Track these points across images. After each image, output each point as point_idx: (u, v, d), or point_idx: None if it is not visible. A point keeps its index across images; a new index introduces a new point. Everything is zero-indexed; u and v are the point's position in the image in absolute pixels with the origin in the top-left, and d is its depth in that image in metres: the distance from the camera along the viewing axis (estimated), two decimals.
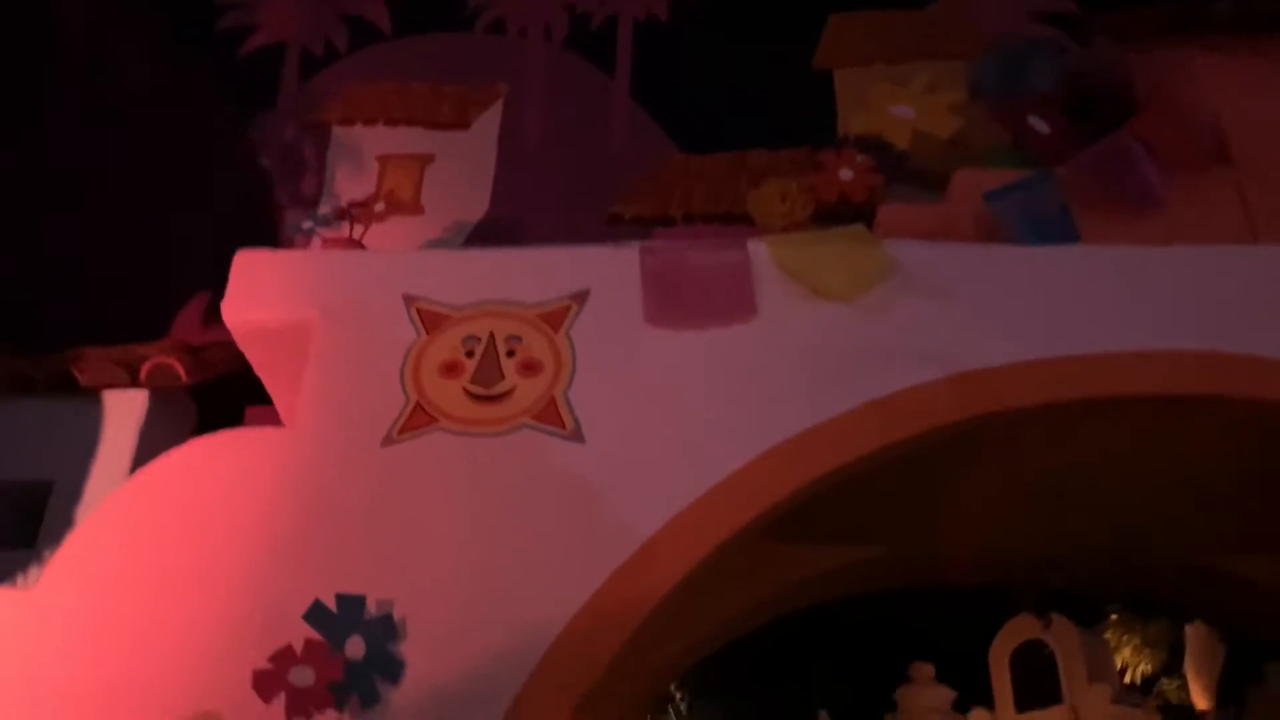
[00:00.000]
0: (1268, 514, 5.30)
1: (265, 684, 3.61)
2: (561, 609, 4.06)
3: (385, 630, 3.95)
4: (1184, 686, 11.94)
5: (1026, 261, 4.84)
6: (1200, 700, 11.06)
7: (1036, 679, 11.94)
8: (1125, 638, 13.82)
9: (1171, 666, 13.10)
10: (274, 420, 4.98)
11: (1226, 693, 9.93)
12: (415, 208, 6.65)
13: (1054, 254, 4.86)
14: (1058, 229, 5.07)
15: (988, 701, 12.52)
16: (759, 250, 4.90)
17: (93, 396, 5.18)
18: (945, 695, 13.88)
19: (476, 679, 3.96)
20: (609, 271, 4.89)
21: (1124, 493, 5.34)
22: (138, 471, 4.51)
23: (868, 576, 6.10)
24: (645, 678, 5.34)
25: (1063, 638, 11.95)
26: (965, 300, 4.69)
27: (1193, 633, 11.65)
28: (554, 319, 4.75)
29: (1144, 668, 13.75)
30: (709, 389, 4.60)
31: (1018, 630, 12.42)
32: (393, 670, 3.89)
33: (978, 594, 13.21)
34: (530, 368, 4.61)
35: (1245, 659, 9.78)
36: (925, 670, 14.17)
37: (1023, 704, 11.99)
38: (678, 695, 12.73)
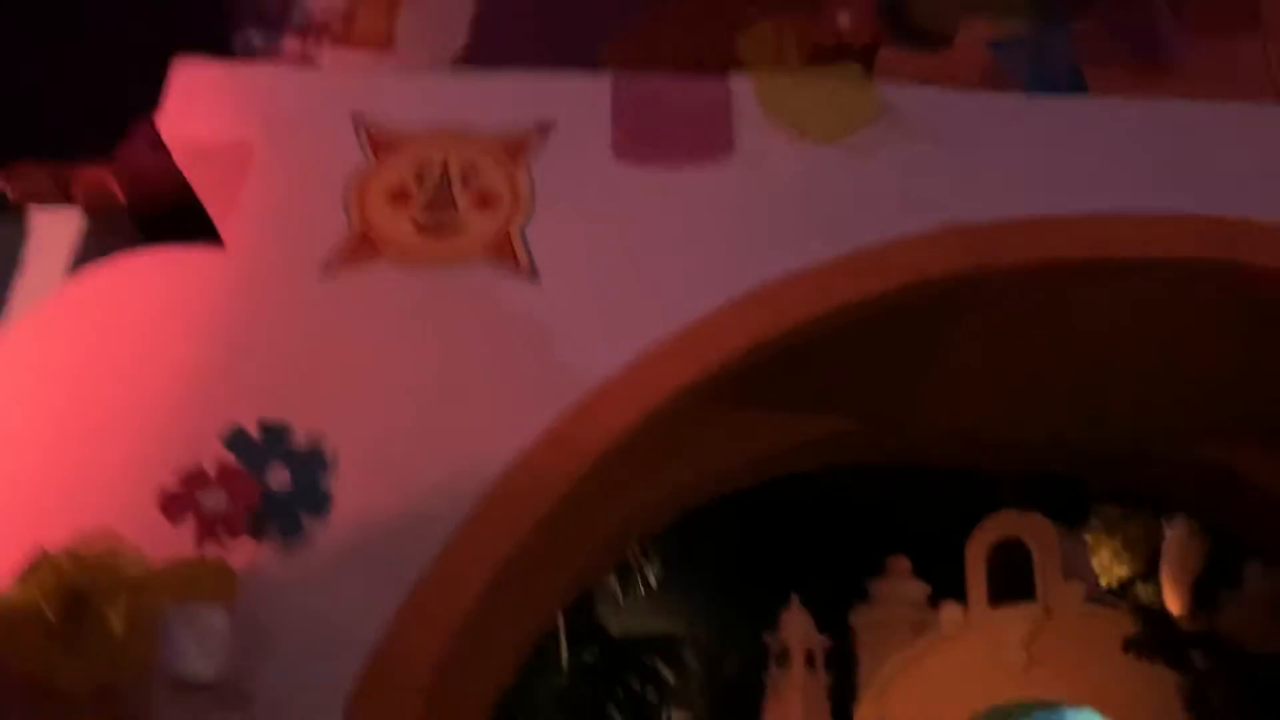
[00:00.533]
0: (1261, 404, 5.02)
1: (172, 505, 3.38)
2: (503, 452, 3.81)
3: (313, 463, 3.70)
4: (1158, 591, 11.89)
5: (1028, 111, 4.47)
6: (1174, 603, 11.01)
7: (1012, 575, 11.90)
8: (1104, 540, 13.83)
9: (1148, 572, 13.09)
10: None
11: (1201, 595, 9.85)
12: (386, 39, 6.19)
13: (1058, 105, 4.48)
14: (1066, 82, 4.68)
15: (962, 595, 12.51)
16: (742, 87, 4.52)
17: (22, 213, 4.84)
18: (920, 590, 13.94)
19: (409, 520, 3.73)
20: (578, 102, 4.53)
21: (1112, 374, 5.04)
22: (62, 285, 4.22)
23: (841, 450, 5.84)
24: (601, 535, 5.10)
25: (1040, 535, 11.88)
26: (960, 149, 4.34)
27: (1172, 535, 11.56)
28: (514, 149, 4.39)
29: (1120, 571, 13.77)
30: (677, 231, 4.28)
31: (996, 526, 12.35)
32: (319, 504, 3.66)
33: (959, 487, 13.13)
34: (485, 200, 4.28)
35: (1223, 562, 9.66)
36: (901, 564, 14.23)
37: (997, 599, 11.95)
38: (647, 568, 12.67)
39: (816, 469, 6.38)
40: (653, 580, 12.71)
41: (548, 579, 4.60)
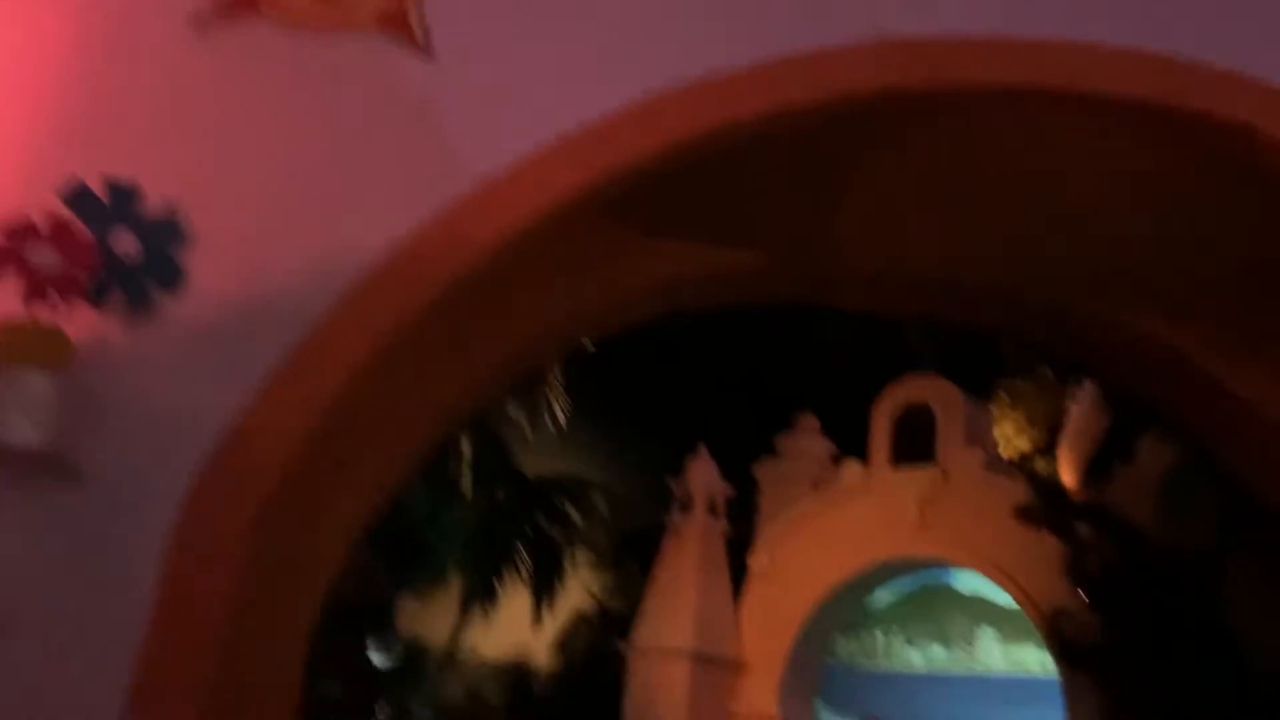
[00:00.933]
0: (1196, 270, 4.87)
1: None
2: (380, 240, 3.48)
3: (165, 232, 3.34)
4: (1054, 466, 12.14)
5: None
6: (1068, 476, 11.27)
7: (916, 440, 12.04)
8: (1009, 413, 14.09)
9: (1048, 447, 13.39)
10: None
11: (1095, 469, 10.07)
12: None
13: None
14: None
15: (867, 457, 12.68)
16: None
17: None
18: (825, 447, 14.11)
19: (272, 304, 3.42)
20: None
21: (1037, 222, 4.84)
22: None
23: (754, 286, 5.62)
24: (495, 352, 4.84)
25: (946, 401, 12.01)
26: None
27: (1075, 410, 11.78)
28: None
29: (1021, 444, 14.08)
30: (596, 17, 3.88)
31: (904, 390, 12.44)
32: (169, 276, 3.32)
33: (875, 352, 13.17)
34: None
35: (1120, 437, 9.85)
36: (809, 421, 14.35)
37: (899, 461, 12.13)
38: (556, 407, 12.57)
39: (731, 307, 6.19)
40: (561, 419, 12.58)
41: (430, 390, 4.35)
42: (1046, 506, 10.37)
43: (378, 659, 17.05)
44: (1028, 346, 10.37)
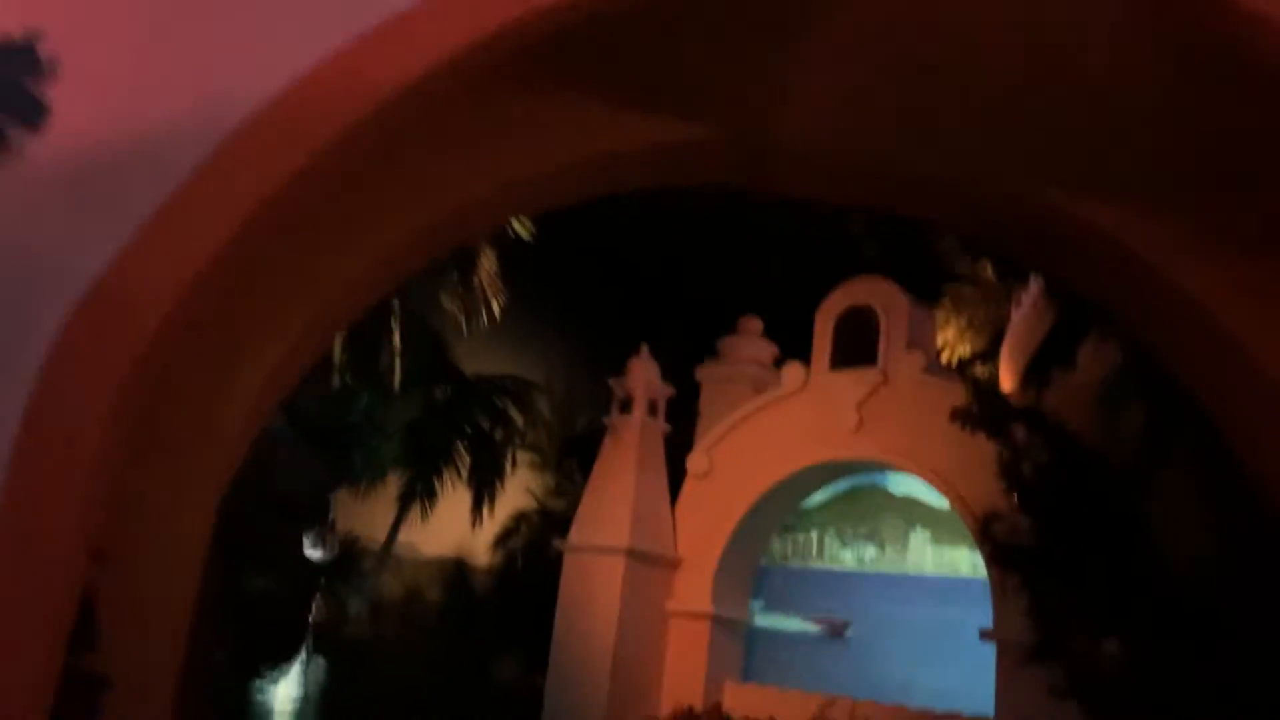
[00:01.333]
0: (1132, 154, 4.68)
1: None
2: (269, 82, 3.15)
3: (23, 62, 2.98)
4: (995, 372, 12.18)
5: None
6: (1007, 381, 11.28)
7: (860, 343, 11.94)
8: (953, 318, 14.06)
9: (989, 354, 13.41)
10: None
11: (1034, 373, 10.05)
12: None
13: None
14: None
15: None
16: None
17: None
18: (767, 350, 14.00)
19: (146, 148, 3.09)
20: None
21: (977, 106, 4.61)
22: None
23: (694, 164, 5.34)
24: (414, 220, 4.54)
25: (890, 303, 11.89)
26: None
27: (1017, 315, 11.74)
28: None
29: (963, 349, 14.09)
30: None
31: (849, 292, 12.29)
32: (30, 112, 2.97)
33: (819, 252, 12.98)
34: None
35: (1060, 342, 9.81)
36: (752, 324, 14.20)
37: (841, 365, 12.05)
38: (493, 299, 12.25)
39: (673, 196, 5.92)
40: (497, 313, 12.26)
41: (333, 255, 4.05)
42: (983, 409, 10.34)
43: (314, 554, 16.94)
44: (970, 242, 10.24)
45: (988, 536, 10.16)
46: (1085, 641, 9.19)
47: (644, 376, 12.99)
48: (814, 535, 12.95)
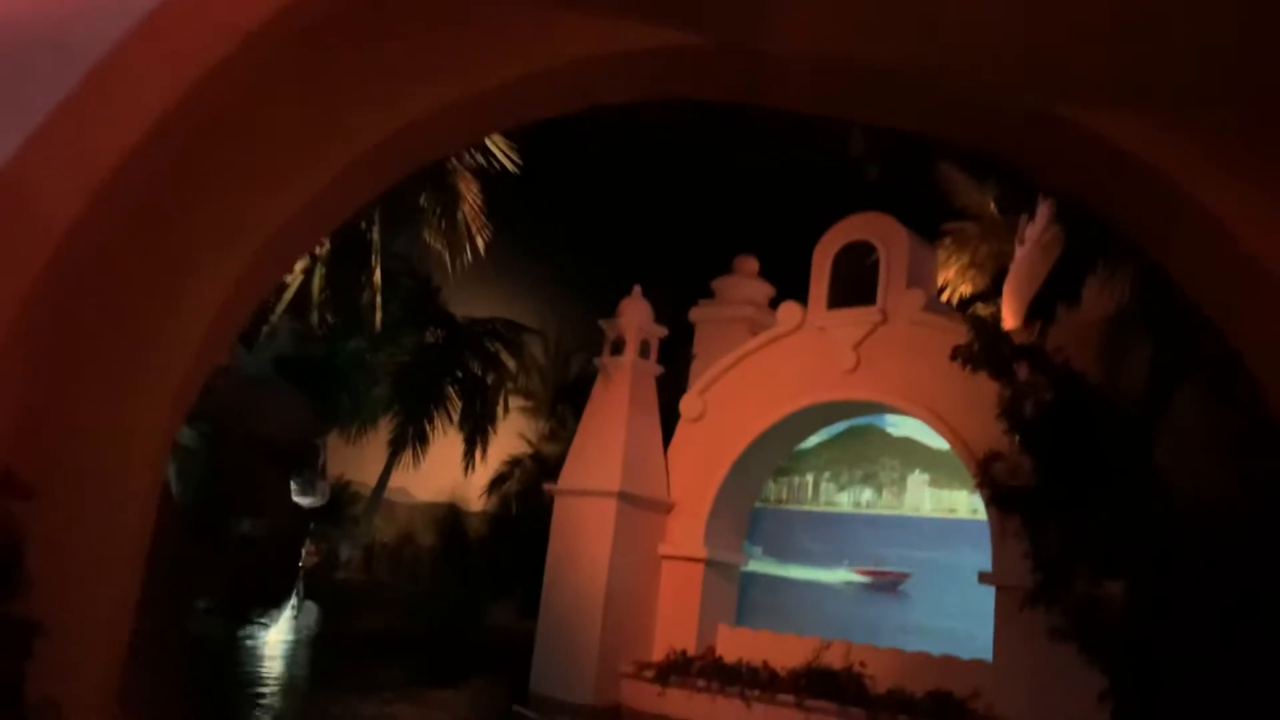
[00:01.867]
0: (1139, 57, 4.30)
1: None
2: None
3: None
4: (997, 313, 11.86)
5: None
6: (1010, 319, 10.97)
7: (857, 281, 11.60)
8: (955, 256, 13.73)
9: (991, 294, 13.09)
10: None
11: (1038, 310, 9.73)
12: None
13: None
14: None
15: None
16: None
17: None
18: (763, 290, 13.67)
19: (52, 27, 2.72)
20: None
21: (989, 10, 4.22)
22: None
23: (686, 73, 4.95)
24: (362, 124, 4.16)
25: (890, 239, 11.52)
26: None
27: (1021, 252, 11.40)
28: None
29: (964, 289, 13.78)
30: None
31: (848, 228, 11.92)
32: None
33: (818, 186, 12.59)
34: None
35: (1066, 278, 9.48)
36: (748, 264, 13.86)
37: (839, 304, 11.72)
38: (477, 234, 11.89)
39: (661, 98, 5.51)
40: (481, 247, 11.88)
41: (280, 162, 3.68)
42: (985, 347, 10.03)
43: (304, 499, 16.74)
44: (979, 158, 9.81)
45: (988, 478, 9.91)
46: (1087, 584, 8.99)
47: (636, 317, 12.66)
48: (810, 478, 12.71)
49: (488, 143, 10.78)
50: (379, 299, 11.06)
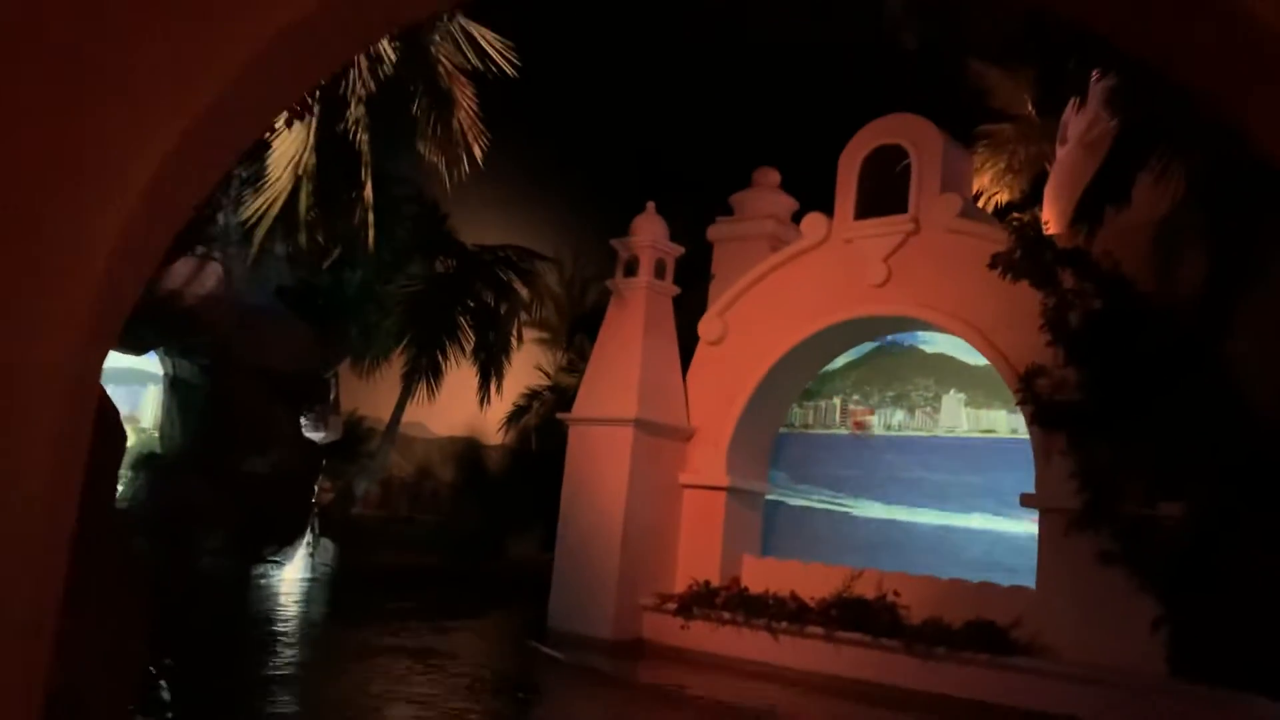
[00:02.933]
0: None
1: None
2: None
3: None
4: (1037, 222, 11.05)
5: None
6: (1053, 224, 10.19)
7: (887, 190, 10.81)
8: (991, 160, 12.89)
9: (1030, 201, 12.27)
10: None
11: (1085, 211, 8.94)
12: None
13: None
14: None
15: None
16: None
17: None
18: (785, 204, 12.90)
19: None
20: None
21: None
22: None
23: None
24: None
25: (921, 140, 10.69)
26: None
27: (1063, 152, 10.57)
28: None
29: (1001, 196, 12.96)
30: None
31: (877, 130, 11.09)
32: None
33: (842, 89, 11.74)
34: None
35: (1114, 177, 8.67)
36: (769, 176, 13.06)
37: (867, 214, 10.95)
38: (474, 142, 11.11)
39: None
40: (480, 156, 11.07)
41: (196, 43, 2.98)
42: (1027, 254, 9.29)
43: (316, 435, 16.27)
44: (1010, 55, 8.97)
45: (1030, 394, 9.22)
46: (1139, 504, 8.35)
47: (650, 235, 11.93)
48: (837, 401, 12.05)
49: (480, 41, 9.99)
50: (371, 216, 10.33)
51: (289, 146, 9.34)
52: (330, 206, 10.07)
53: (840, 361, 12.02)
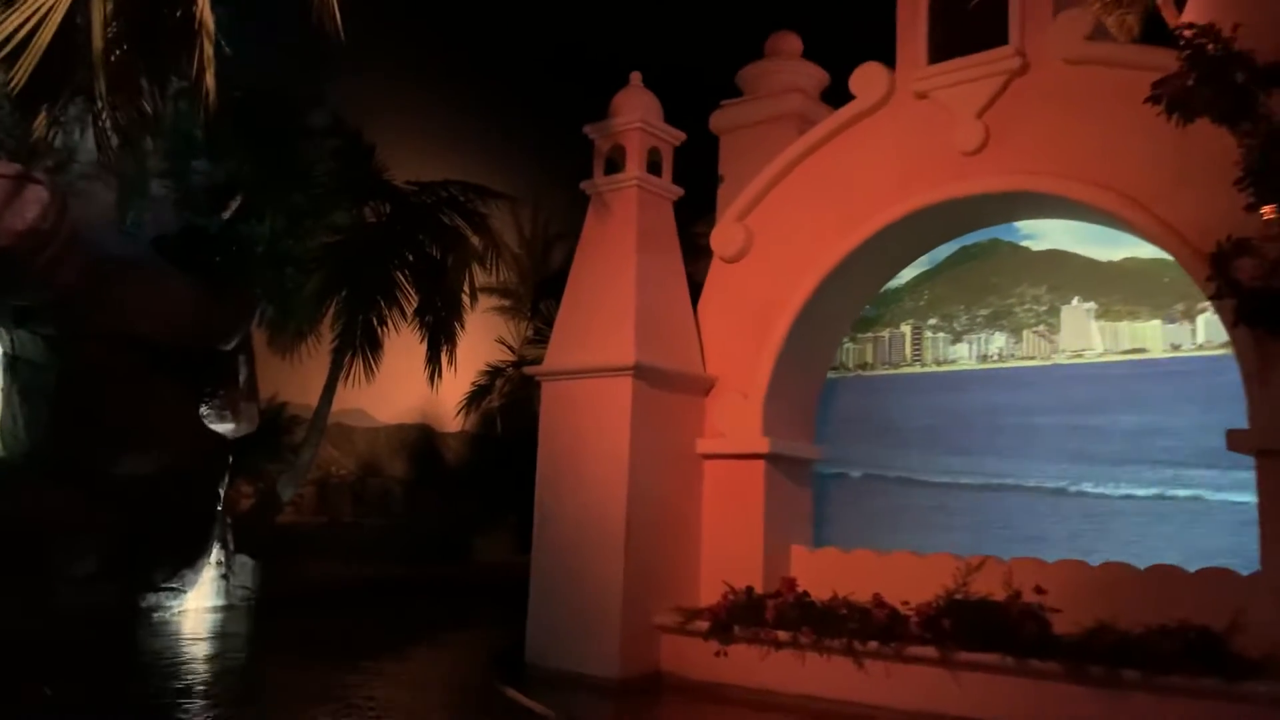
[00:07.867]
0: None
1: None
2: None
3: None
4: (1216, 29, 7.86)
5: None
6: (1170, 13, 7.10)
7: (970, 24, 7.65)
8: None
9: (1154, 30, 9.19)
10: None
11: None
12: None
13: None
14: None
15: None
16: None
17: None
18: (814, 74, 9.74)
19: None
20: None
21: None
22: None
23: None
24: None
25: None
26: None
27: None
28: None
29: (1131, 21, 9.86)
30: None
31: None
32: None
33: None
34: None
35: None
36: (789, 42, 9.91)
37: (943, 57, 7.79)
38: None
39: None
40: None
41: None
42: (1208, 77, 6.20)
43: (223, 426, 12.90)
44: None
45: (1231, 281, 6.16)
46: None
47: (638, 113, 8.68)
48: (906, 329, 8.92)
49: None
50: (209, 49, 6.62)
51: None
52: (151, 40, 6.59)
53: (908, 275, 8.85)
